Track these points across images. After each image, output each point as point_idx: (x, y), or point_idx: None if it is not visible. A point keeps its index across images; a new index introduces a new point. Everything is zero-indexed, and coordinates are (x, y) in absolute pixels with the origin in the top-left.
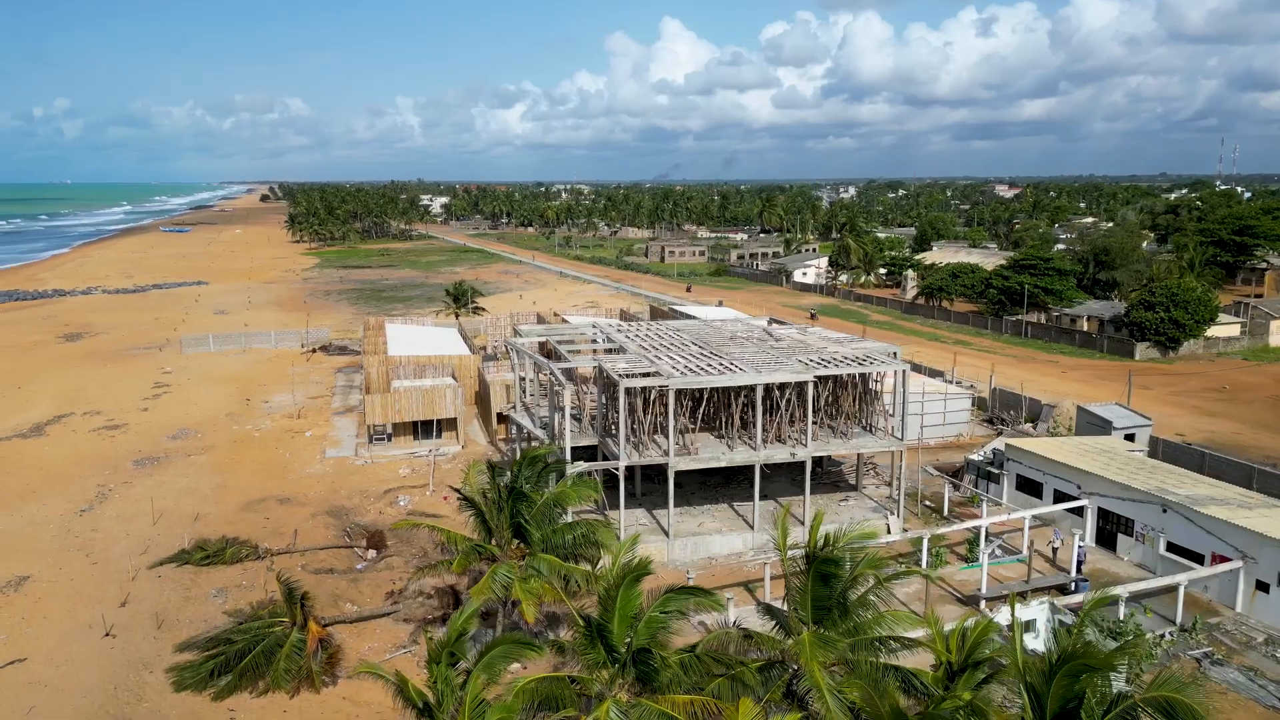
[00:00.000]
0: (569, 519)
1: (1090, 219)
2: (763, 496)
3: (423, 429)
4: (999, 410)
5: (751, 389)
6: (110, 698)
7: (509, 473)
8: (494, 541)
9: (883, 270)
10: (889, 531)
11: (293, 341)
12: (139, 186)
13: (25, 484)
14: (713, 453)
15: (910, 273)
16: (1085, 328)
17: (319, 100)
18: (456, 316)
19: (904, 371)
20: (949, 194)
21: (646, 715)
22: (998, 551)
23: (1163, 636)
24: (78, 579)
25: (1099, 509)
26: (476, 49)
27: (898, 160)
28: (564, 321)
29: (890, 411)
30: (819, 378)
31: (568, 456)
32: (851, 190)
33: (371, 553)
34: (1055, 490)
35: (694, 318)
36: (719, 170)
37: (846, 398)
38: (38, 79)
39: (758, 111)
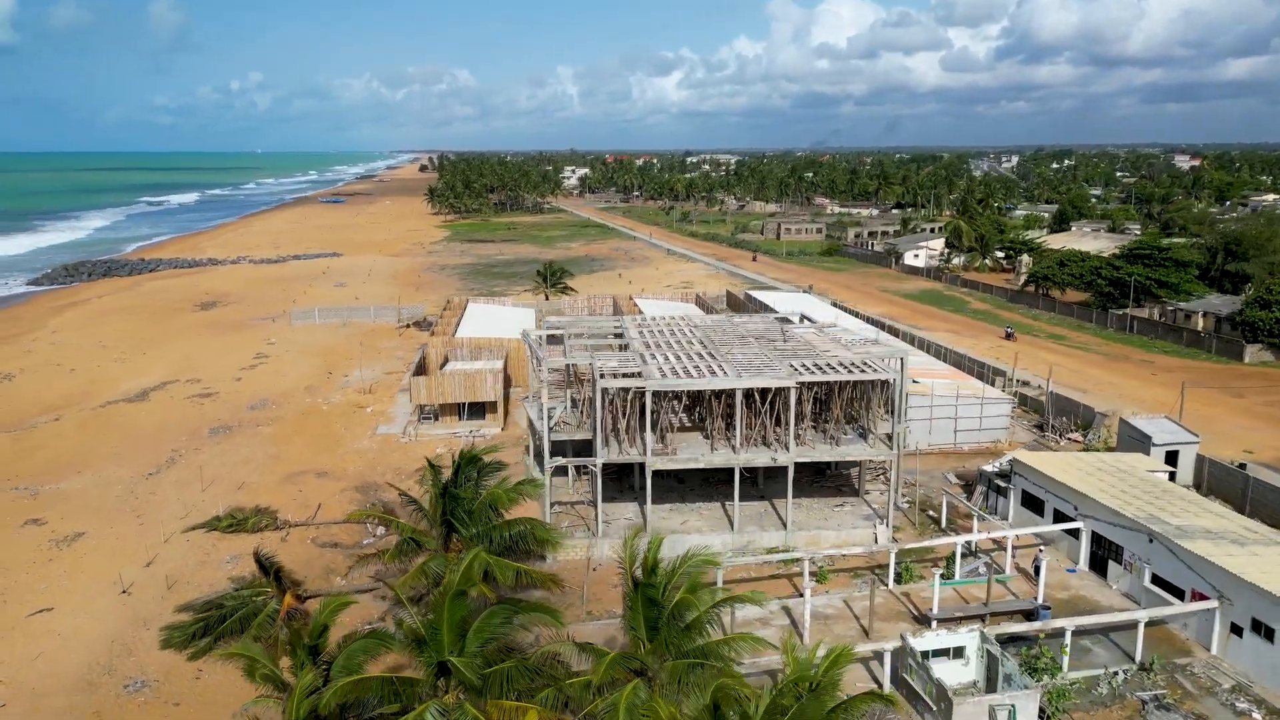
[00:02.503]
0: (551, 514)
1: (1271, 197)
2: (761, 498)
3: (469, 410)
4: (1052, 416)
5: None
6: (105, 650)
7: (452, 469)
8: (434, 536)
9: (1000, 254)
10: (876, 541)
11: (390, 316)
12: (321, 155)
13: (114, 447)
14: (693, 453)
15: (1026, 258)
16: (1200, 325)
17: (484, 71)
18: (546, 297)
19: (899, 380)
20: (1116, 165)
21: (464, 718)
22: (981, 569)
23: (1115, 674)
24: (122, 539)
25: (1093, 533)
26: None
27: (1077, 126)
28: (636, 308)
29: (901, 417)
30: (809, 382)
31: (547, 451)
32: (1014, 160)
33: (380, 529)
34: (1055, 510)
35: (770, 308)
36: (880, 136)
37: (838, 403)
38: (237, 54)
39: (924, 75)
